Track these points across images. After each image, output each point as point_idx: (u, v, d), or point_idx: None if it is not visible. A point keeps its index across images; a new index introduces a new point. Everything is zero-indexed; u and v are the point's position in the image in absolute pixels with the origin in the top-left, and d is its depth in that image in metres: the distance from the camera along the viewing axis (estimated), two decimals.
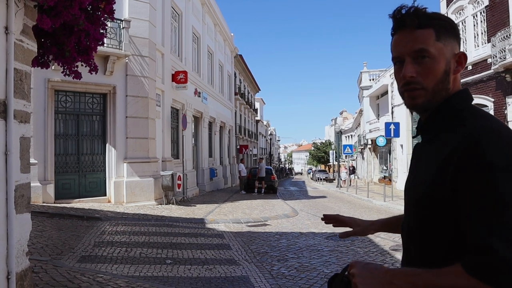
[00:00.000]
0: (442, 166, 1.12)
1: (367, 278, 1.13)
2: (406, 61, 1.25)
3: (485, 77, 15.36)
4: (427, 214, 1.17)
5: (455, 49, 1.26)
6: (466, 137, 1.09)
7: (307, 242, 8.93)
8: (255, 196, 21.09)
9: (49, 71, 10.72)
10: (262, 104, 68.43)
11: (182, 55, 18.66)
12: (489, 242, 0.96)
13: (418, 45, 1.22)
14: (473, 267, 0.97)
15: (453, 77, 1.26)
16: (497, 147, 1.04)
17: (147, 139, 13.51)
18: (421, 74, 1.22)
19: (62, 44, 5.02)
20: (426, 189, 1.17)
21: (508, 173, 1.00)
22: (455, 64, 1.25)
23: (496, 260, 0.94)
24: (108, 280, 5.18)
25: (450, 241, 1.12)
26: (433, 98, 1.24)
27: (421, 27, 1.23)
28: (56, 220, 9.48)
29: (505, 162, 1.02)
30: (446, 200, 1.11)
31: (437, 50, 1.22)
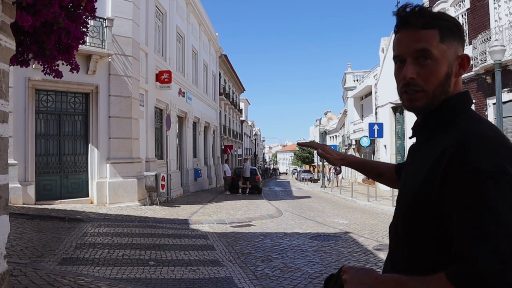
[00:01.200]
0: (432, 169, 1.10)
1: (358, 285, 1.13)
2: (407, 62, 1.21)
3: (466, 79, 15.59)
4: (415, 217, 1.14)
5: (459, 51, 1.22)
6: (455, 141, 1.07)
7: (291, 242, 8.93)
8: (239, 196, 21.05)
9: (29, 70, 10.58)
10: (247, 104, 68.40)
11: (166, 55, 18.52)
12: (470, 250, 0.94)
13: (421, 45, 1.18)
14: (454, 276, 0.95)
15: (454, 80, 1.22)
16: (484, 152, 1.01)
17: (130, 139, 13.37)
18: (421, 76, 1.19)
19: (42, 42, 4.92)
20: (415, 192, 1.15)
21: (493, 180, 0.98)
22: (457, 67, 1.22)
23: (474, 269, 0.92)
24: (89, 282, 5.09)
25: (438, 246, 1.09)
26: (433, 101, 1.21)
27: (425, 27, 1.19)
28: (37, 222, 9.31)
29: (491, 167, 0.99)
30: (434, 204, 1.08)
31: (440, 52, 1.18)
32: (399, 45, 1.24)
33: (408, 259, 1.18)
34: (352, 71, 40.07)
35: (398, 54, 1.25)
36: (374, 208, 16.39)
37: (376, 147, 25.56)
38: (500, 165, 0.99)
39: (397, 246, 1.26)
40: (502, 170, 0.98)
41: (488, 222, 0.94)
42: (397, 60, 1.26)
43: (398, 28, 1.25)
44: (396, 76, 1.27)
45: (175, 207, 14.21)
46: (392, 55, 1.31)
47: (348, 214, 14.38)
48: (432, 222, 1.10)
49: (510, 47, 12.79)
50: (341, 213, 14.92)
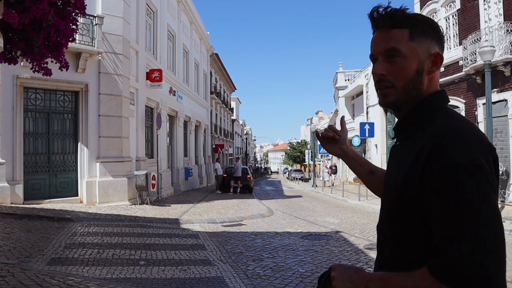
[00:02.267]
0: (411, 166, 1.14)
1: (346, 282, 1.17)
2: (378, 60, 1.28)
3: (456, 79, 15.72)
4: (399, 215, 1.18)
5: (432, 49, 1.25)
6: (432, 137, 1.10)
7: (282, 241, 8.92)
8: (230, 195, 21.02)
9: (17, 68, 10.45)
10: (238, 103, 68.34)
11: (157, 53, 18.42)
12: (449, 243, 0.98)
13: (390, 44, 1.24)
14: (435, 269, 0.99)
15: (428, 78, 1.25)
16: (459, 147, 1.05)
17: (120, 138, 13.27)
18: (391, 73, 1.24)
19: (30, 40, 4.86)
20: (397, 189, 1.19)
21: (469, 173, 1.01)
22: (429, 65, 1.25)
23: (453, 262, 0.95)
24: (79, 283, 5.03)
25: (422, 241, 1.12)
26: (404, 97, 1.25)
27: (394, 26, 1.24)
28: (25, 222, 9.20)
29: (467, 161, 1.02)
30: (415, 200, 1.12)
31: (409, 50, 1.22)
32: (373, 45, 1.31)
33: (394, 256, 1.22)
34: (343, 71, 40.18)
35: (372, 53, 1.31)
36: (365, 207, 16.46)
37: (367, 147, 25.68)
38: (475, 159, 1.03)
39: (383, 244, 1.29)
40: (477, 163, 1.02)
41: (465, 214, 0.98)
42: (372, 59, 1.32)
43: (372, 29, 1.32)
44: (372, 74, 1.33)
45: (165, 206, 14.14)
46: None
47: (339, 214, 14.42)
48: (415, 218, 1.13)
49: (500, 48, 12.91)
50: (332, 212, 14.96)
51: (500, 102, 13.46)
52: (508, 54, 12.85)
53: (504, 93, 13.33)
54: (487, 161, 1.05)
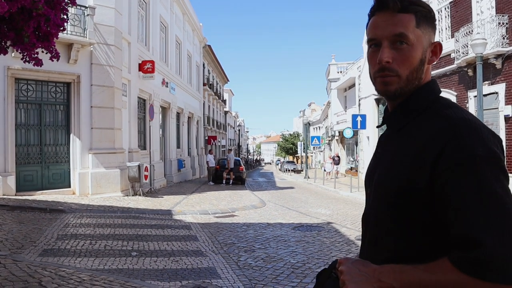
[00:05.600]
0: (417, 158, 1.10)
1: (356, 275, 1.13)
2: (383, 45, 1.20)
3: (448, 71, 15.79)
4: (403, 206, 1.13)
5: (432, 38, 1.23)
6: (448, 128, 1.07)
7: (274, 232, 8.98)
8: (223, 187, 21.07)
9: (9, 58, 10.36)
10: (231, 95, 68.19)
11: (150, 45, 18.30)
12: (477, 235, 0.94)
13: (398, 29, 1.17)
14: (463, 262, 0.95)
15: (426, 67, 1.23)
16: (479, 139, 1.03)
17: (113, 129, 13.22)
18: (397, 61, 1.18)
19: (20, 29, 4.82)
20: (401, 180, 1.13)
21: (491, 165, 1.00)
22: (430, 54, 1.22)
23: (485, 254, 0.92)
24: (71, 273, 5.05)
25: (428, 233, 1.10)
26: (406, 86, 1.20)
27: (402, 11, 1.18)
28: (17, 213, 9.18)
29: (487, 153, 1.01)
30: (423, 191, 1.08)
31: (416, 37, 1.18)
32: (375, 28, 1.22)
33: (395, 248, 1.17)
34: (336, 63, 40.21)
35: (373, 37, 1.23)
36: (357, 198, 16.58)
37: (359, 139, 25.76)
38: (493, 151, 1.02)
39: (379, 237, 1.23)
40: (495, 155, 1.02)
41: (491, 206, 0.96)
42: (372, 43, 1.24)
43: (374, 10, 1.24)
44: (370, 60, 1.25)
45: (158, 197, 14.15)
46: None
47: (330, 205, 14.52)
48: (421, 210, 1.10)
49: (492, 41, 12.97)
50: (324, 203, 15.06)
51: (491, 95, 13.55)
52: (499, 46, 12.92)
53: (495, 85, 13.42)
54: (500, 151, 1.05)
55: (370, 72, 1.28)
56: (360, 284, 1.10)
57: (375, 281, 1.09)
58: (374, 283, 1.08)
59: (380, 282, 1.08)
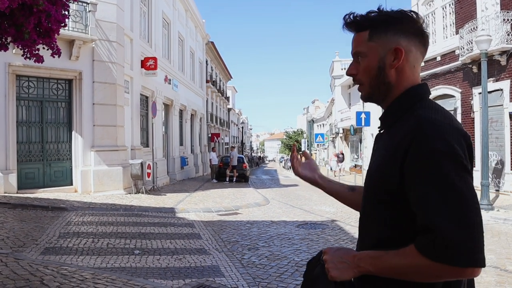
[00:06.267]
0: (393, 153, 1.23)
1: (338, 263, 1.27)
2: (352, 61, 1.42)
3: (453, 68, 15.67)
4: (383, 198, 1.26)
5: (393, 44, 1.31)
6: (413, 127, 1.19)
7: (278, 230, 8.92)
8: (226, 184, 21.01)
9: (10, 55, 10.30)
10: (234, 92, 68.06)
11: (152, 41, 18.22)
12: (435, 221, 1.06)
13: (354, 48, 1.39)
14: (422, 246, 1.08)
15: (394, 71, 1.33)
16: (438, 135, 1.14)
17: (115, 126, 13.17)
18: (359, 72, 1.38)
19: (20, 26, 4.75)
20: (380, 176, 1.27)
21: (448, 158, 1.11)
22: (391, 58, 1.32)
23: (441, 237, 1.04)
24: (73, 272, 5.00)
25: (404, 224, 1.20)
26: (373, 91, 1.38)
27: (358, 30, 1.37)
28: (19, 211, 9.14)
29: (446, 148, 1.12)
30: (396, 185, 1.20)
31: (368, 50, 1.34)
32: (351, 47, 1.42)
33: (378, 236, 1.29)
34: (340, 60, 39.97)
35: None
36: None
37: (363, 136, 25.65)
38: (451, 146, 1.13)
39: (366, 225, 1.38)
40: (453, 150, 1.13)
41: (448, 195, 1.08)
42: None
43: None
44: None
45: (161, 195, 14.11)
46: None
47: (335, 202, 14.33)
48: (398, 201, 1.21)
49: (496, 37, 12.84)
50: (328, 201, 14.96)
51: (496, 92, 13.44)
52: (504, 43, 12.80)
53: (500, 82, 13.31)
54: (461, 148, 1.15)
55: None
56: (342, 270, 1.26)
57: (355, 267, 1.23)
58: (354, 268, 1.24)
59: (359, 267, 1.23)
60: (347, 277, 1.25)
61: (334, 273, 1.26)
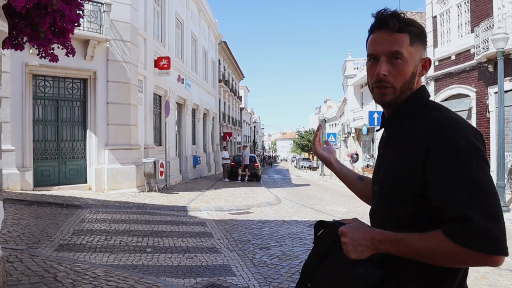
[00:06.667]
0: (412, 155, 1.27)
1: (357, 246, 1.29)
2: (381, 60, 1.38)
3: (468, 67, 15.45)
4: (404, 201, 1.30)
5: (423, 55, 1.40)
6: (431, 128, 1.25)
7: (289, 230, 8.91)
8: (238, 183, 21.04)
9: (26, 55, 10.46)
10: (246, 91, 68.10)
11: (165, 41, 18.32)
12: (466, 212, 1.12)
13: (395, 47, 1.35)
14: (453, 233, 1.13)
15: (417, 79, 1.41)
16: (459, 133, 1.21)
17: (129, 125, 13.28)
18: (392, 74, 1.36)
19: (36, 25, 4.81)
20: (400, 175, 1.31)
21: (471, 154, 1.18)
22: (420, 68, 1.40)
23: (471, 227, 1.11)
24: (86, 269, 5.06)
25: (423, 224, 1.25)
26: (400, 96, 1.39)
27: (399, 31, 1.36)
28: (35, 208, 9.27)
29: (468, 144, 1.19)
30: (418, 187, 1.25)
31: (409, 54, 1.36)
32: (374, 44, 1.40)
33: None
34: (352, 59, 39.73)
35: (373, 52, 1.40)
36: None
37: (375, 136, 25.50)
38: (473, 142, 1.20)
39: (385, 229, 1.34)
40: (475, 145, 1.20)
41: (474, 188, 1.15)
42: (371, 57, 1.42)
43: (374, 28, 1.41)
44: (369, 72, 1.43)
45: (173, 194, 14.19)
46: None
47: (347, 202, 14.37)
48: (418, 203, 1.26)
49: None
50: (340, 201, 14.91)
51: None
52: None
53: None
54: (480, 143, 1.22)
55: (368, 82, 1.46)
56: (361, 253, 1.28)
57: (374, 249, 1.27)
58: (374, 250, 1.27)
59: (378, 249, 1.27)
60: (365, 257, 1.29)
61: (354, 255, 1.29)
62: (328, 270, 1.36)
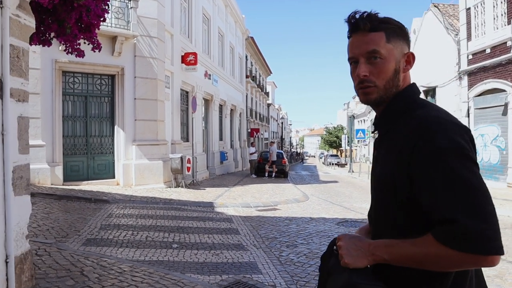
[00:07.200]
0: (399, 156, 1.25)
1: (352, 250, 1.29)
2: (360, 62, 1.37)
3: (504, 61, 14.85)
4: (391, 200, 1.29)
5: (404, 50, 1.38)
6: (415, 128, 1.23)
7: (317, 227, 8.74)
8: (265, 180, 20.96)
9: (56, 52, 10.63)
10: (274, 87, 67.86)
11: (192, 37, 18.36)
12: (452, 214, 1.09)
13: (370, 46, 1.34)
14: (441, 236, 1.11)
15: (403, 75, 1.38)
16: (442, 132, 1.18)
17: (156, 121, 13.36)
18: (373, 73, 1.35)
19: (62, 21, 4.82)
20: (390, 180, 1.28)
21: (455, 154, 1.15)
22: (404, 63, 1.38)
23: (458, 228, 1.08)
24: (112, 264, 5.05)
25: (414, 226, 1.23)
26: (385, 94, 1.37)
27: (373, 30, 1.35)
28: (64, 202, 9.42)
29: (451, 144, 1.16)
30: (406, 188, 1.23)
31: (387, 51, 1.34)
32: (352, 48, 1.40)
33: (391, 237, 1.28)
34: None
35: (352, 56, 1.40)
36: None
37: None
38: (457, 141, 1.17)
39: (380, 229, 1.38)
40: (457, 145, 1.16)
41: (460, 189, 1.11)
42: (351, 61, 1.41)
43: (350, 33, 1.40)
44: (352, 75, 1.43)
45: (200, 189, 14.21)
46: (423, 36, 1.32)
47: None
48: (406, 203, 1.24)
49: None
50: (369, 198, 14.51)
51: None
52: None
53: None
54: (465, 141, 1.18)
55: (354, 86, 1.44)
56: (356, 258, 1.27)
57: (369, 255, 1.25)
58: (369, 256, 1.25)
59: (373, 256, 1.25)
60: (361, 265, 1.26)
61: (348, 259, 1.28)
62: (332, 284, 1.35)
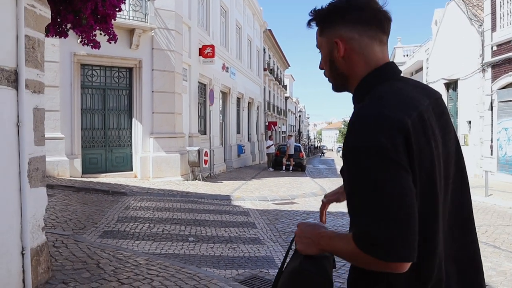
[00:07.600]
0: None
1: (304, 238, 1.32)
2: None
3: None
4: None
5: (336, 36, 1.29)
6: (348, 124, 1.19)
7: (335, 222, 8.61)
8: (282, 173, 20.84)
9: (74, 45, 10.64)
10: (292, 80, 67.42)
11: (210, 29, 18.27)
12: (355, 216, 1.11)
13: (316, 42, 1.40)
14: (354, 237, 1.10)
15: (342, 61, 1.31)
16: (363, 131, 1.12)
17: (173, 114, 13.35)
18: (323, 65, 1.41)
19: (78, 11, 4.78)
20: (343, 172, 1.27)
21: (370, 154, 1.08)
22: (336, 51, 1.31)
23: (360, 232, 1.08)
24: (128, 257, 5.03)
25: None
26: (334, 82, 1.40)
27: (316, 26, 1.36)
28: (82, 195, 9.49)
29: (364, 143, 1.10)
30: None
31: (321, 45, 1.37)
32: None
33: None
34: (402, 46, 38.28)
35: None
36: None
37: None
38: (373, 141, 1.09)
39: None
40: (374, 144, 1.08)
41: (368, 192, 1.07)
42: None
43: None
44: None
45: (217, 182, 14.19)
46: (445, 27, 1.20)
47: None
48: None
49: None
50: None
51: None
52: None
53: None
54: (390, 140, 1.08)
55: None
56: (307, 245, 1.31)
57: (317, 244, 1.28)
58: (317, 245, 1.28)
59: (319, 245, 1.27)
60: (311, 252, 1.29)
61: (299, 246, 1.33)
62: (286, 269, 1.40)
